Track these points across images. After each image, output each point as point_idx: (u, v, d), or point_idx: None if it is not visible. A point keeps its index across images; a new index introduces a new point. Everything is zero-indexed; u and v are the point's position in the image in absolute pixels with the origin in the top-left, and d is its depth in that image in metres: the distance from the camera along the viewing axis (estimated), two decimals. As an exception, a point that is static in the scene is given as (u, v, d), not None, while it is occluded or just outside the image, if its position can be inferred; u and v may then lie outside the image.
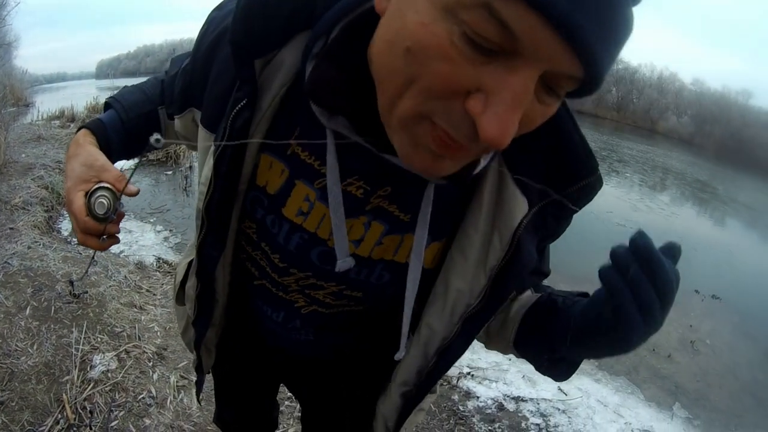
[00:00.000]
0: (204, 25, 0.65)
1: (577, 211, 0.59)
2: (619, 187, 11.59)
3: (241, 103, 0.54)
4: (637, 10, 0.39)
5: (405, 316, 0.62)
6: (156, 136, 0.47)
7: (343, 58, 0.50)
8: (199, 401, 1.16)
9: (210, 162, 0.59)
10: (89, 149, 0.69)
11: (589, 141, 0.56)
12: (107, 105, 0.79)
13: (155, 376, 2.21)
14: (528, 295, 0.70)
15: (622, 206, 9.30)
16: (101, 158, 0.68)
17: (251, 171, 0.60)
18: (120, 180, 0.66)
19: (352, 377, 0.86)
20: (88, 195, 0.66)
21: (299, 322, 0.72)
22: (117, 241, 0.68)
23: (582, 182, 0.55)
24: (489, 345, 0.76)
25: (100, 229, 0.66)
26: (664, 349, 3.80)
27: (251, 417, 1.21)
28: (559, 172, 0.56)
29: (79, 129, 0.74)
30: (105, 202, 0.66)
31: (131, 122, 0.77)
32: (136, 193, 0.68)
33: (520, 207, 0.56)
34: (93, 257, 1.31)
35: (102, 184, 0.67)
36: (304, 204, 0.59)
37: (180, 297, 0.88)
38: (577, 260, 5.78)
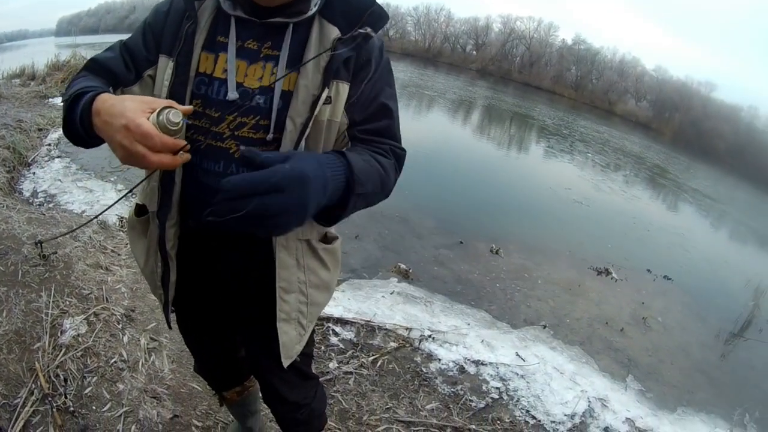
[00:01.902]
0: (154, 9, 1.04)
1: (374, 35, 0.95)
2: (578, 166, 11.93)
3: (189, 24, 0.96)
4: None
5: (275, 100, 0.94)
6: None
7: None
8: (169, 325, 1.27)
9: (171, 63, 0.96)
10: (125, 95, 0.87)
11: (545, 117, 0.64)
12: (80, 95, 0.88)
13: (125, 339, 2.21)
14: None
15: (582, 184, 9.61)
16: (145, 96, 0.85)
17: (197, 63, 0.96)
18: (172, 103, 0.80)
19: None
20: (154, 117, 0.74)
21: (235, 166, 0.97)
22: (188, 156, 0.81)
23: (367, 12, 0.95)
24: None
25: (178, 144, 0.77)
26: (617, 323, 3.99)
27: (216, 352, 1.43)
28: (353, 11, 0.95)
29: (91, 102, 0.84)
30: (178, 111, 0.76)
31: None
32: (192, 111, 0.87)
33: (333, 32, 0.94)
34: (130, 190, 1.15)
35: (160, 108, 0.75)
36: (226, 65, 0.96)
37: (138, 210, 1.14)
38: (534, 232, 5.99)
